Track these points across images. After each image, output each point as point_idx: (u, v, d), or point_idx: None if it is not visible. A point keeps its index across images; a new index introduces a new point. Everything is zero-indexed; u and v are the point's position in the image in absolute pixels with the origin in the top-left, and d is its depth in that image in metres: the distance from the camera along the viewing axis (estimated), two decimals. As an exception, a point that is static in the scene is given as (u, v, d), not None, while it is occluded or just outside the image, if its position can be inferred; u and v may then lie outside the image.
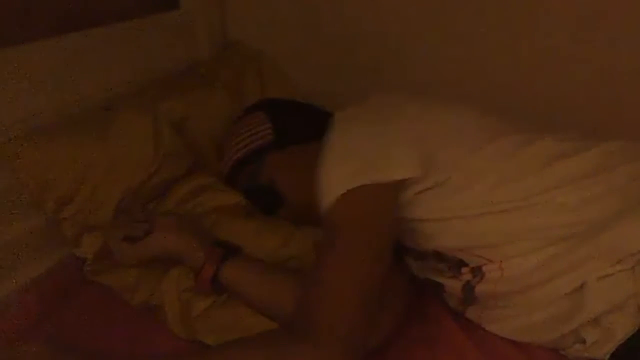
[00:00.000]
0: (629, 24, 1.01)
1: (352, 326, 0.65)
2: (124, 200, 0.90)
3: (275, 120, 0.96)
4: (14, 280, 0.85)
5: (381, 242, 0.72)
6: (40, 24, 0.94)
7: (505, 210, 0.74)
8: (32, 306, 0.83)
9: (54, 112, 0.93)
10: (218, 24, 1.32)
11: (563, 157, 0.76)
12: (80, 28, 0.99)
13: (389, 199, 0.74)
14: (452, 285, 0.80)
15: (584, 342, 0.70)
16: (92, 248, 0.88)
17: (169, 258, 0.82)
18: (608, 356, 0.68)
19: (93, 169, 0.88)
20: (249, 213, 0.96)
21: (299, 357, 0.63)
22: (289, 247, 0.89)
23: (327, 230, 0.72)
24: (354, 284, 0.66)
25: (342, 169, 0.73)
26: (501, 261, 0.74)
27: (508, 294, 0.75)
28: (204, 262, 0.79)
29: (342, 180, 0.72)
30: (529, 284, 0.73)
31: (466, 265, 0.77)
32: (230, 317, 0.80)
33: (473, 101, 1.04)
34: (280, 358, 0.64)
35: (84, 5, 1.03)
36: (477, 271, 0.76)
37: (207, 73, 1.20)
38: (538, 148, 0.77)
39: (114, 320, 0.83)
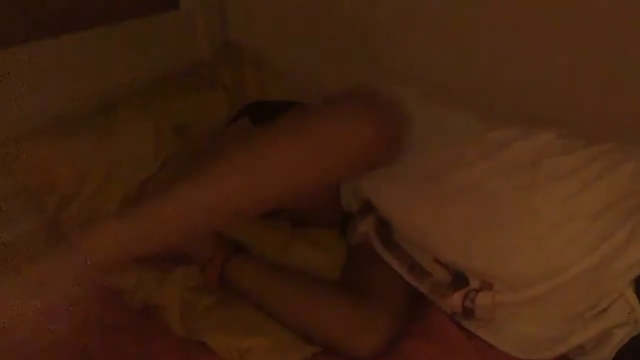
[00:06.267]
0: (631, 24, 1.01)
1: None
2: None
3: (258, 125, 0.95)
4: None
5: None
6: (40, 24, 0.94)
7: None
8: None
9: (54, 112, 0.93)
10: (218, 24, 1.32)
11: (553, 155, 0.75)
12: (79, 28, 0.99)
13: None
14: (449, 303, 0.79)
15: (582, 347, 0.70)
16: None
17: (178, 253, 0.83)
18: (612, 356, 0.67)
19: (94, 169, 0.88)
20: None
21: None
22: (289, 251, 0.90)
23: None
24: None
25: None
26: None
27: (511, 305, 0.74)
28: (214, 255, 0.81)
29: None
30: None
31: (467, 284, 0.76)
32: (232, 316, 0.80)
33: (472, 93, 1.05)
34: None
35: (84, 5, 1.02)
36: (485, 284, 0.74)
37: (207, 73, 1.20)
38: (531, 142, 0.76)
39: (115, 320, 0.83)
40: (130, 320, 0.83)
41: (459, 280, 0.76)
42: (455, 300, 0.76)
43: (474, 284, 0.74)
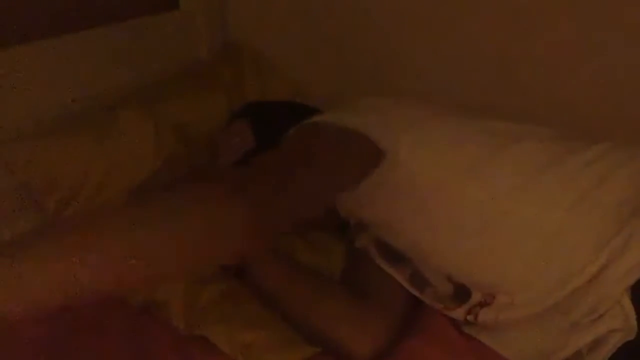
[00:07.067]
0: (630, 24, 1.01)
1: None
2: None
3: (256, 126, 0.95)
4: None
5: None
6: (39, 24, 0.94)
7: None
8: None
9: (54, 112, 0.93)
10: (218, 24, 1.32)
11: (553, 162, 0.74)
12: (79, 28, 0.99)
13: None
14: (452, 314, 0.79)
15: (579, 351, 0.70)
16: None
17: None
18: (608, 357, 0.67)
19: (94, 169, 0.88)
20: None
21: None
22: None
23: None
24: None
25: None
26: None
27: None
28: None
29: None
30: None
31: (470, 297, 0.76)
32: (235, 310, 0.80)
33: (472, 99, 1.05)
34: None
35: (84, 5, 1.03)
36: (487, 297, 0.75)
37: (207, 73, 1.20)
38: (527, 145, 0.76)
39: (114, 319, 0.83)
40: (129, 320, 0.83)
41: (461, 292, 0.76)
42: (458, 314, 0.77)
43: (476, 296, 0.75)
